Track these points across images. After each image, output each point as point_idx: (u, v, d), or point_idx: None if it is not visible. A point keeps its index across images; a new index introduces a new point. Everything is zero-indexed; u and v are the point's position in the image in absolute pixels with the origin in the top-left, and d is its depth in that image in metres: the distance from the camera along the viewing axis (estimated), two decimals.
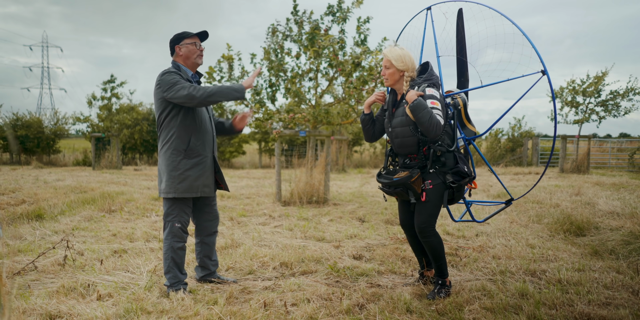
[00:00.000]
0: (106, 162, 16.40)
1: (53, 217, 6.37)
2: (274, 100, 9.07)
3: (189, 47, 3.41)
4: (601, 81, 17.03)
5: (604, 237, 5.19)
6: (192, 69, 3.49)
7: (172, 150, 3.36)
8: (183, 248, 3.45)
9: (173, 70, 3.34)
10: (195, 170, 3.38)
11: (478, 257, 4.46)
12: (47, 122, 20.01)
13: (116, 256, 4.46)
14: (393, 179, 3.31)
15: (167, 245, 3.41)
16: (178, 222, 3.40)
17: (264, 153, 22.08)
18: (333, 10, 8.72)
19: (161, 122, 3.40)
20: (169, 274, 3.41)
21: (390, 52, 3.33)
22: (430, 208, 3.30)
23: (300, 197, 7.88)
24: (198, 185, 3.40)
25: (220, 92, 3.24)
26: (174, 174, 3.34)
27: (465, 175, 3.32)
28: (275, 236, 5.38)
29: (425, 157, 3.29)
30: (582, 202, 7.58)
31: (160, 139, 3.43)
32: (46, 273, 3.89)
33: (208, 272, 3.71)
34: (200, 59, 3.48)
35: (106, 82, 20.18)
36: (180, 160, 3.35)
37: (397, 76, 3.34)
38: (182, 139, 3.35)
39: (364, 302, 3.23)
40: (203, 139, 3.44)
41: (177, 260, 3.42)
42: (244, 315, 2.95)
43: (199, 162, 3.40)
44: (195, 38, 3.45)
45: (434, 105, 3.16)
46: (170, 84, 3.23)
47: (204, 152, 3.44)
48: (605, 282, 3.68)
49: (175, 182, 3.34)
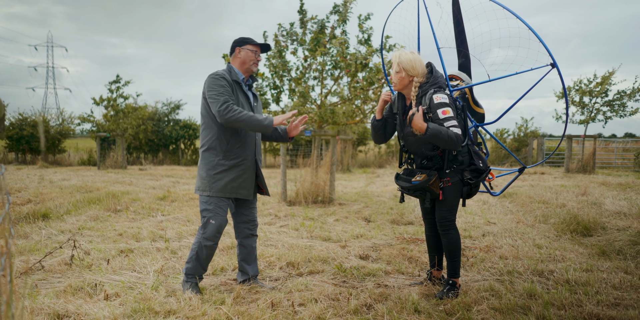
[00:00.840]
0: (111, 162, 16.45)
1: (59, 216, 6.39)
2: (278, 101, 9.07)
3: (249, 53, 3.47)
4: (608, 81, 16.95)
5: (611, 238, 5.17)
6: (245, 74, 3.52)
7: (211, 150, 3.39)
8: (211, 248, 3.41)
9: (220, 76, 3.35)
10: (233, 172, 3.38)
11: (485, 257, 4.44)
12: (52, 121, 20.09)
13: (122, 256, 4.47)
14: (412, 182, 3.30)
15: (197, 238, 3.42)
16: (214, 219, 3.37)
17: (269, 153, 22.09)
18: (339, 9, 8.72)
19: (204, 121, 3.44)
20: (189, 264, 3.43)
21: (400, 56, 3.27)
22: (450, 202, 3.35)
23: (306, 196, 7.87)
24: (234, 187, 3.40)
25: (248, 122, 3.24)
26: (210, 173, 3.37)
27: (482, 172, 3.34)
28: (281, 236, 5.38)
29: (441, 159, 3.29)
30: (588, 202, 7.54)
31: (202, 138, 3.47)
32: (53, 272, 3.90)
33: (247, 277, 3.66)
34: (255, 66, 3.52)
35: (112, 82, 20.24)
36: (218, 160, 3.38)
37: (407, 81, 3.29)
38: (222, 139, 3.37)
39: (371, 302, 3.22)
40: (244, 142, 3.43)
41: (202, 257, 3.41)
42: (251, 315, 2.95)
43: (238, 164, 3.40)
44: (257, 47, 3.51)
45: (445, 115, 3.11)
46: (214, 91, 3.28)
47: (244, 155, 3.43)
48: (614, 282, 3.65)
49: (211, 181, 3.37)
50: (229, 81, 3.35)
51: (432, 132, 3.06)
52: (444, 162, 3.28)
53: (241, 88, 3.45)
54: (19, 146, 19.33)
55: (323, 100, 9.04)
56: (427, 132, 3.08)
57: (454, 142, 3.08)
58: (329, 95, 9.35)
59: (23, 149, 19.42)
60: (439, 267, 3.69)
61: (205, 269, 3.49)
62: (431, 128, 3.07)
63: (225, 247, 4.77)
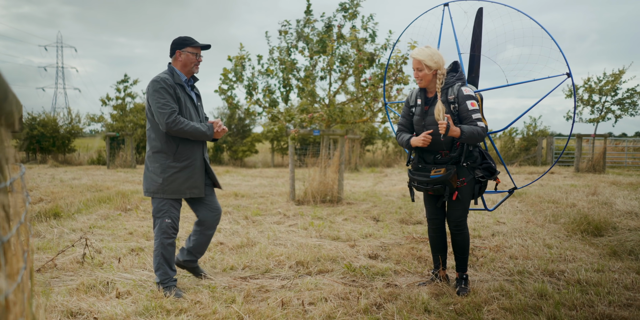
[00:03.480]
0: (120, 161, 16.55)
1: (70, 215, 6.45)
2: (287, 100, 9.09)
3: (189, 56, 3.51)
4: (618, 79, 16.80)
5: (622, 238, 5.13)
6: (187, 75, 3.57)
7: (161, 153, 3.43)
8: (173, 244, 3.48)
9: (164, 81, 3.39)
10: (184, 173, 3.45)
11: (495, 257, 4.43)
12: (61, 121, 20.26)
13: (133, 254, 4.50)
14: (430, 176, 3.31)
15: (157, 242, 3.45)
16: (168, 218, 3.44)
17: (277, 152, 22.13)
18: (345, 6, 8.72)
19: (152, 125, 3.47)
20: (159, 271, 3.44)
21: (419, 53, 3.29)
22: (465, 203, 3.38)
23: (314, 196, 7.88)
24: (186, 188, 3.47)
25: (194, 133, 3.39)
26: (163, 176, 3.41)
27: (494, 171, 3.37)
28: (290, 235, 5.39)
29: (459, 152, 3.29)
30: (599, 202, 7.49)
31: (150, 140, 3.50)
32: (66, 271, 3.95)
33: (192, 258, 3.74)
34: (196, 68, 3.59)
35: (120, 81, 20.36)
36: (169, 163, 3.42)
37: (431, 76, 3.32)
38: (170, 143, 3.43)
39: (381, 302, 3.23)
40: (192, 143, 3.51)
41: (167, 256, 3.45)
42: (262, 313, 2.97)
43: (188, 165, 3.47)
44: (197, 49, 3.54)
45: (473, 107, 3.21)
46: (160, 101, 3.33)
47: (193, 156, 3.50)
48: (626, 283, 3.63)
49: (164, 184, 3.41)
50: (172, 85, 3.41)
51: (467, 134, 3.14)
52: (461, 155, 3.29)
53: (184, 89, 3.51)
54: (29, 146, 19.51)
55: (332, 99, 9.05)
56: (463, 136, 3.15)
57: (482, 137, 3.19)
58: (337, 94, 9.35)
59: (34, 148, 19.60)
60: (444, 266, 3.69)
61: (174, 270, 3.51)
62: (465, 131, 3.14)
63: (234, 246, 4.80)
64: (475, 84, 3.92)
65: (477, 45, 3.83)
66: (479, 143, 3.45)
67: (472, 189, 3.38)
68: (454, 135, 3.14)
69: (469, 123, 3.22)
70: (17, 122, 0.88)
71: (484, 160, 3.40)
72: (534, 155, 20.02)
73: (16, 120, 0.81)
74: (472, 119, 3.22)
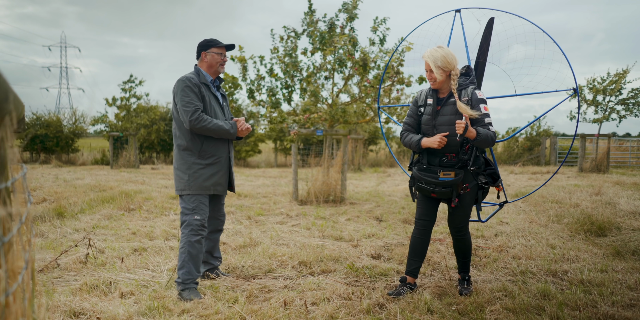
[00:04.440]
0: (124, 161, 16.59)
1: (73, 215, 6.47)
2: (290, 101, 9.09)
3: (215, 57, 3.55)
4: (622, 79, 16.74)
5: (626, 238, 5.10)
6: (213, 76, 3.61)
7: (187, 150, 3.47)
8: (200, 242, 3.44)
9: (190, 80, 3.43)
10: (208, 170, 3.48)
11: (498, 257, 4.42)
12: (65, 121, 20.33)
13: (136, 254, 4.51)
14: (439, 178, 3.25)
15: (184, 239, 3.42)
16: (198, 215, 3.44)
17: (280, 152, 22.14)
18: (348, 7, 8.72)
19: (178, 124, 3.50)
20: (183, 269, 3.37)
21: (431, 55, 3.24)
22: (467, 208, 3.36)
23: (317, 196, 7.88)
24: (210, 184, 3.49)
25: (217, 131, 3.42)
26: (188, 172, 3.44)
27: (497, 178, 3.37)
28: (293, 235, 5.40)
29: (468, 155, 3.26)
30: (602, 202, 7.46)
31: (176, 138, 3.53)
32: (68, 270, 3.96)
33: (211, 266, 3.79)
34: (222, 68, 3.62)
35: (125, 82, 20.41)
36: (194, 160, 3.46)
37: (444, 77, 3.27)
38: (196, 140, 3.46)
39: (384, 302, 3.22)
40: (217, 141, 3.53)
41: (194, 254, 3.40)
42: (264, 313, 2.97)
43: (213, 162, 3.50)
44: (222, 49, 3.59)
45: (486, 111, 3.21)
46: (185, 99, 3.38)
47: (218, 153, 3.53)
48: (629, 283, 3.62)
49: (190, 180, 3.44)
50: (197, 84, 3.44)
51: (482, 136, 3.12)
52: (469, 159, 3.25)
53: (210, 90, 3.54)
54: (33, 146, 19.59)
55: (335, 99, 9.05)
56: (478, 137, 3.13)
57: (493, 141, 3.19)
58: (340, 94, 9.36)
59: (37, 148, 19.68)
60: (415, 274, 3.49)
61: (200, 271, 3.49)
62: (481, 133, 3.13)
63: (237, 246, 4.80)
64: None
65: (483, 52, 3.83)
66: (485, 149, 3.43)
67: (475, 195, 3.35)
68: (471, 136, 3.11)
69: (481, 126, 3.19)
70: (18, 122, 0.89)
71: (487, 166, 3.39)
72: (537, 155, 19.96)
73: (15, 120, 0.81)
74: (485, 123, 3.19)
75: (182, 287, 3.34)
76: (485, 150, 3.43)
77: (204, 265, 3.78)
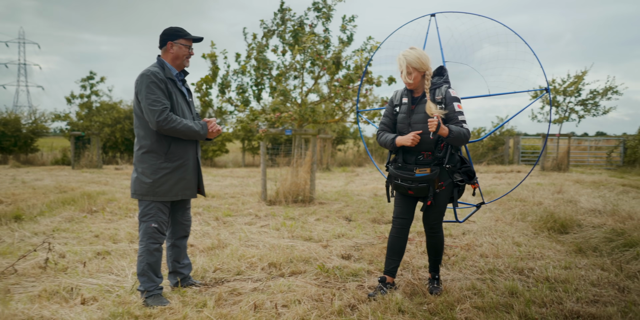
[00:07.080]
0: (86, 161, 16.09)
1: (32, 218, 6.21)
2: (259, 99, 9.00)
3: (182, 49, 3.32)
4: (581, 80, 17.32)
5: (587, 235, 5.26)
6: (178, 69, 3.39)
7: (151, 152, 3.23)
8: (159, 249, 3.30)
9: (155, 75, 3.18)
10: (176, 174, 3.28)
11: (466, 255, 4.47)
12: (24, 120, 19.55)
13: (99, 258, 4.36)
14: (415, 175, 3.28)
15: (142, 247, 3.26)
16: (155, 222, 3.25)
17: (248, 151, 21.93)
18: (318, 6, 8.68)
19: (141, 122, 3.25)
20: (143, 277, 3.24)
21: (406, 58, 3.27)
22: (442, 206, 3.39)
23: (286, 196, 7.82)
24: (178, 189, 3.30)
25: (187, 132, 3.21)
26: (153, 177, 3.21)
27: (473, 175, 3.39)
28: (262, 236, 5.33)
29: (443, 153, 3.29)
30: (564, 200, 7.68)
31: (139, 138, 3.27)
32: (27, 276, 3.78)
33: (182, 276, 3.59)
34: (187, 62, 3.40)
35: (85, 79, 19.79)
36: (160, 163, 3.23)
37: (419, 77, 3.32)
38: (162, 142, 3.23)
39: (355, 303, 3.21)
40: (185, 142, 3.33)
41: (152, 262, 3.26)
42: (234, 317, 2.90)
43: (181, 165, 3.29)
44: (190, 41, 3.36)
45: (460, 109, 3.25)
46: (151, 97, 3.13)
47: (186, 155, 3.33)
48: (592, 279, 3.72)
49: (154, 186, 3.22)
50: (163, 80, 3.21)
51: (455, 134, 3.15)
52: (445, 157, 3.28)
53: (176, 85, 3.33)
54: None
55: (304, 99, 9.00)
56: (451, 135, 3.15)
57: (467, 139, 3.22)
58: (309, 94, 9.32)
59: None
60: (393, 273, 3.50)
61: (161, 277, 3.34)
62: (453, 130, 3.15)
63: (205, 248, 4.70)
64: None
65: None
66: (460, 147, 3.46)
67: (450, 193, 3.38)
68: (443, 133, 3.13)
69: (455, 124, 3.23)
70: None
71: (463, 164, 3.41)
72: (501, 154, 20.45)
73: None
74: (458, 120, 3.23)
75: (146, 295, 3.22)
76: (460, 148, 3.47)
77: (173, 276, 3.58)
